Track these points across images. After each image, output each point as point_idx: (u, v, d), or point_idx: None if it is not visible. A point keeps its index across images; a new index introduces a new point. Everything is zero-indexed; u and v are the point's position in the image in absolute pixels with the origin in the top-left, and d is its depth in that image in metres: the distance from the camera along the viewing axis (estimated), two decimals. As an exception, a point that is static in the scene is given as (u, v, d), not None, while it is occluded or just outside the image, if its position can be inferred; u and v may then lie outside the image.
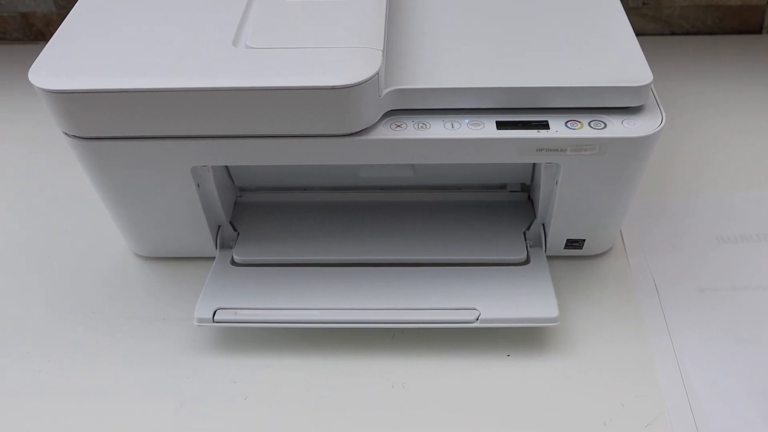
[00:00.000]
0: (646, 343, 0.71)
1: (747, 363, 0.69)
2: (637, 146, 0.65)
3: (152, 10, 0.69)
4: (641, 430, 0.64)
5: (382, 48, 0.63)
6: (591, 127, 0.64)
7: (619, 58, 0.67)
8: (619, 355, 0.70)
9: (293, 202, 0.82)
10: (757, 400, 0.66)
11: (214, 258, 0.77)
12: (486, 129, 0.64)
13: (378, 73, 0.61)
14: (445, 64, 0.66)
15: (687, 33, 1.16)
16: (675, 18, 1.14)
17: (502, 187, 0.82)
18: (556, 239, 0.76)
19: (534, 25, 0.71)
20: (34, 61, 0.63)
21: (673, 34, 1.16)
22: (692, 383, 0.67)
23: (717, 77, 1.05)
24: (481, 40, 0.69)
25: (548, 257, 0.76)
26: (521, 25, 0.71)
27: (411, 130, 0.64)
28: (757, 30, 1.15)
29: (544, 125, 0.64)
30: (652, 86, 0.65)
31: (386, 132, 0.64)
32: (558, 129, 0.64)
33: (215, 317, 0.70)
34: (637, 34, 0.69)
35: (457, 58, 0.67)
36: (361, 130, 0.64)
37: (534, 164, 0.77)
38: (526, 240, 0.77)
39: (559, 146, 0.64)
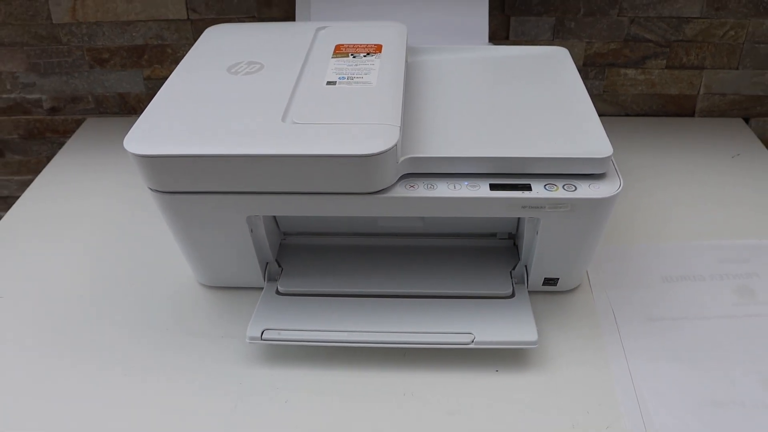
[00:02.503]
0: (606, 361, 0.69)
1: (687, 379, 0.67)
2: (600, 205, 0.64)
3: (219, 93, 0.69)
4: (602, 431, 0.63)
5: (399, 125, 0.63)
6: (564, 189, 0.64)
7: (586, 134, 0.66)
8: (585, 371, 0.68)
9: (326, 244, 0.81)
10: (695, 410, 0.64)
11: (262, 288, 0.76)
12: (481, 190, 0.63)
13: (396, 145, 0.60)
14: (449, 138, 0.66)
15: (638, 114, 1.15)
16: (628, 103, 1.14)
17: (493, 235, 0.81)
18: (536, 278, 0.75)
19: (520, 108, 0.70)
20: (127, 131, 0.63)
21: (627, 115, 1.15)
22: (642, 394, 0.66)
23: (661, 150, 1.05)
24: (478, 118, 0.69)
25: (529, 292, 0.74)
26: (509, 107, 0.71)
27: (421, 190, 0.63)
28: (691, 113, 1.15)
29: (528, 187, 0.64)
30: (612, 158, 0.65)
31: (401, 191, 0.63)
32: (538, 191, 0.63)
33: (263, 336, 0.69)
34: (598, 115, 0.69)
35: (459, 133, 0.67)
36: (381, 190, 0.63)
37: (519, 218, 0.76)
38: (511, 278, 0.76)
39: (539, 204, 0.64)
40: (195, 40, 0.84)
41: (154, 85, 1.16)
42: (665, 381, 0.67)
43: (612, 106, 1.14)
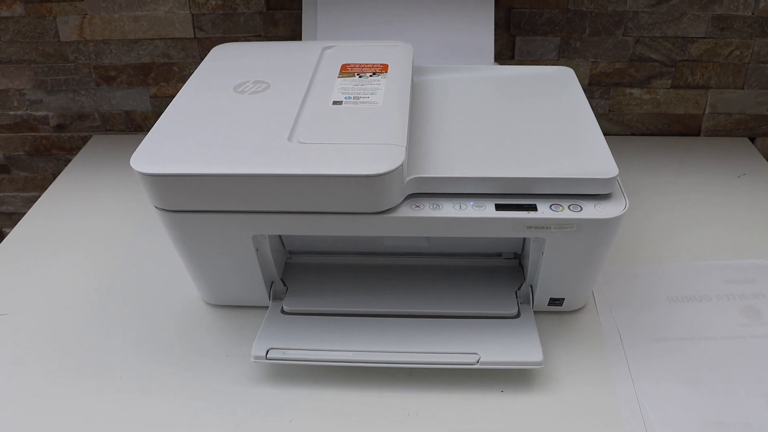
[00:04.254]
0: (611, 382, 0.69)
1: (693, 400, 0.67)
2: (606, 226, 0.64)
3: (226, 112, 0.69)
4: (610, 455, 0.63)
5: (405, 145, 0.63)
6: (570, 210, 0.64)
7: (592, 155, 0.67)
8: (590, 392, 0.68)
9: (332, 263, 0.81)
10: (699, 429, 0.64)
11: (267, 307, 0.76)
12: (487, 210, 0.64)
13: (402, 165, 0.61)
14: (455, 158, 0.66)
15: (643, 134, 1.15)
16: (634, 122, 1.14)
17: (498, 255, 0.81)
18: (541, 298, 0.75)
19: (526, 128, 0.71)
20: (134, 148, 0.63)
21: (632, 134, 1.16)
22: (648, 415, 0.65)
23: (667, 170, 1.05)
24: (484, 138, 0.69)
25: (535, 312, 0.74)
26: (515, 127, 0.71)
27: (427, 210, 0.64)
28: (696, 133, 1.15)
29: (533, 208, 0.64)
30: (618, 178, 0.65)
31: (407, 211, 0.63)
32: (544, 211, 0.64)
33: (268, 355, 0.69)
34: (604, 134, 0.69)
35: (465, 153, 0.67)
36: (387, 210, 0.63)
37: (524, 238, 0.75)
38: (517, 298, 0.76)
39: (544, 225, 0.64)
40: (201, 59, 0.85)
41: (160, 103, 1.17)
42: (671, 402, 0.67)
43: (617, 125, 1.15)
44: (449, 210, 0.64)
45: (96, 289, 0.83)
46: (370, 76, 0.75)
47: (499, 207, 0.64)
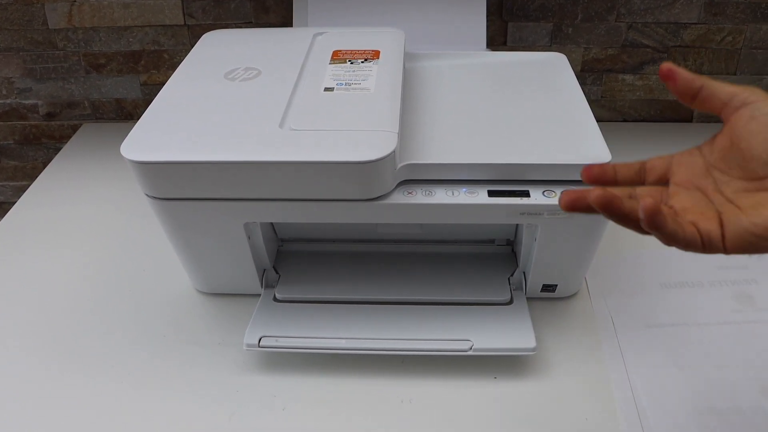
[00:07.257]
0: (604, 368, 0.69)
1: (686, 386, 0.67)
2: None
3: (217, 99, 0.69)
4: (602, 440, 0.63)
5: (397, 131, 0.63)
6: (563, 196, 0.64)
7: (585, 141, 0.66)
8: (583, 378, 0.68)
9: (324, 251, 0.81)
10: (694, 416, 0.64)
11: (259, 295, 0.76)
12: (479, 196, 0.63)
13: (394, 151, 0.60)
14: (448, 144, 0.66)
15: (635, 120, 1.15)
16: (626, 108, 1.14)
17: (491, 241, 0.81)
18: (534, 284, 0.75)
19: (519, 114, 0.70)
20: (124, 137, 0.63)
21: (624, 120, 1.16)
22: (641, 400, 0.66)
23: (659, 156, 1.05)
24: (476, 125, 0.69)
25: (528, 299, 0.74)
26: (508, 113, 0.71)
27: (420, 196, 0.63)
28: (689, 119, 1.15)
29: (526, 194, 0.64)
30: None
31: (400, 198, 0.63)
32: (537, 197, 0.63)
33: (260, 343, 0.69)
34: (596, 121, 0.69)
35: (458, 139, 0.67)
36: (380, 196, 0.63)
37: (517, 224, 0.76)
38: (510, 284, 0.76)
39: (537, 211, 0.64)
40: (192, 46, 0.84)
41: (150, 91, 1.16)
42: (664, 388, 0.67)
43: (610, 111, 1.15)
44: (442, 196, 0.64)
45: (87, 279, 0.83)
46: (362, 62, 0.74)
47: (491, 193, 0.64)
